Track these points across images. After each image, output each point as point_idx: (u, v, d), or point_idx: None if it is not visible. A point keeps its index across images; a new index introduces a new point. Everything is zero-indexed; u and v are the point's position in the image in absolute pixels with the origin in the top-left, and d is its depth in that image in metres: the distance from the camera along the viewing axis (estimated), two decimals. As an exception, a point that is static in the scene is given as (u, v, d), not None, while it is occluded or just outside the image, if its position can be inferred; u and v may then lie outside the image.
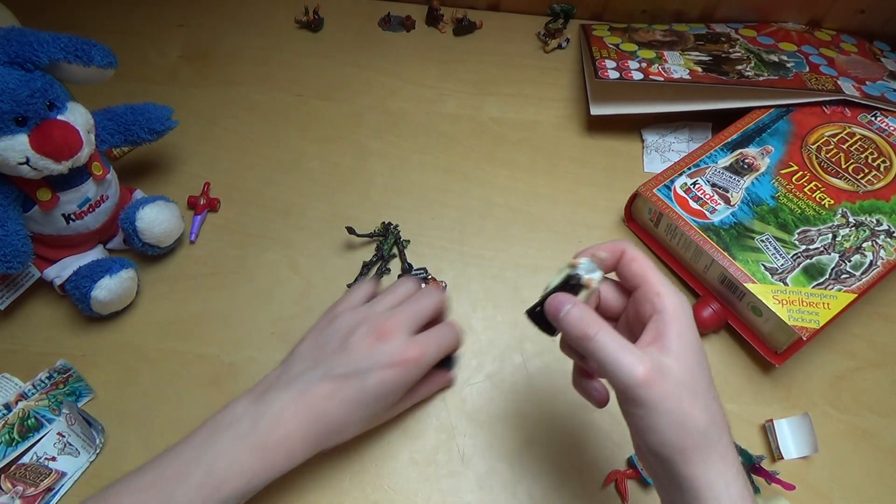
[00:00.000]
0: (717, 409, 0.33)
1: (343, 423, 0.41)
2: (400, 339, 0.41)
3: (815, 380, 0.52)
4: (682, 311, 0.35)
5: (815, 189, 0.55)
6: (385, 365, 0.40)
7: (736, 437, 0.47)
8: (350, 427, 0.41)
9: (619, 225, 0.60)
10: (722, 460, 0.32)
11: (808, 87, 0.61)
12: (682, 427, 0.32)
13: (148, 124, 0.54)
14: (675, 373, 0.32)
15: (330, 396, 0.39)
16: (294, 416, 0.39)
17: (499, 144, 0.64)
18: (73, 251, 0.51)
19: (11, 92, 0.41)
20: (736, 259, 0.51)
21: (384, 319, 0.42)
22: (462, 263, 0.56)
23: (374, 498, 0.45)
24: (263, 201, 0.59)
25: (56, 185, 0.47)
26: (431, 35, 0.73)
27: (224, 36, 0.71)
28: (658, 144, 0.65)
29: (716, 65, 0.63)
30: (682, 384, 0.32)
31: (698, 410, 0.32)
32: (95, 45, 0.46)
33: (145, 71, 0.67)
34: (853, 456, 0.48)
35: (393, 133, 0.64)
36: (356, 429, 0.42)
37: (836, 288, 0.49)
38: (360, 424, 0.42)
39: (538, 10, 0.75)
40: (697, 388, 0.33)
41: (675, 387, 0.32)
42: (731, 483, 0.32)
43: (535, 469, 0.47)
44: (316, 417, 0.39)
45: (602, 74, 0.62)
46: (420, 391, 0.47)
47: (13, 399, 0.48)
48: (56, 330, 0.51)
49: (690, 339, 0.34)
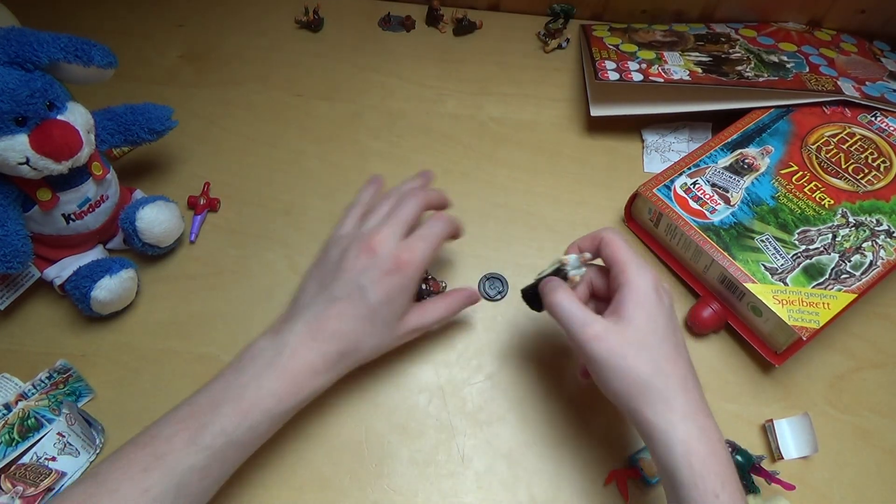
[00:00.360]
0: (668, 364, 0.38)
1: (356, 341, 0.43)
2: (389, 248, 0.43)
3: (815, 380, 0.52)
4: (643, 284, 0.40)
5: (815, 189, 0.55)
6: (381, 275, 0.43)
7: (736, 437, 0.47)
8: (365, 344, 0.44)
9: (619, 225, 0.60)
10: (666, 405, 0.37)
11: (807, 87, 0.61)
12: (626, 378, 0.38)
13: (148, 124, 0.54)
14: (622, 332, 0.38)
15: (339, 317, 0.42)
16: (310, 341, 0.41)
17: (499, 144, 0.64)
18: (73, 251, 0.51)
19: (11, 92, 0.41)
20: (736, 259, 0.51)
21: (371, 235, 0.44)
22: (462, 263, 0.56)
23: (374, 498, 0.45)
24: (263, 201, 0.59)
25: (56, 185, 0.47)
26: (431, 35, 0.73)
27: (224, 36, 0.71)
28: (658, 144, 0.65)
29: (716, 65, 0.63)
30: (628, 342, 0.38)
31: (641, 362, 0.37)
32: (95, 45, 0.46)
33: (145, 71, 0.67)
34: (853, 456, 0.48)
35: (393, 133, 0.64)
36: (372, 345, 0.44)
37: (835, 288, 0.49)
38: (375, 340, 0.44)
39: (538, 10, 0.75)
40: (645, 345, 0.38)
41: (620, 345, 0.38)
42: (677, 425, 0.36)
43: (535, 469, 0.47)
44: (329, 339, 0.42)
45: (602, 76, 0.62)
46: (440, 307, 0.48)
47: (13, 399, 0.48)
48: (56, 330, 0.51)
49: (647, 307, 0.39)
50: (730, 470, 0.36)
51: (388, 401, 0.50)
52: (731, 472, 0.36)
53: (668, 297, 0.41)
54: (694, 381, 0.39)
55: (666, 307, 0.40)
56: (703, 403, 0.38)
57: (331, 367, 0.42)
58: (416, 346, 0.52)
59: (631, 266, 0.41)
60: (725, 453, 0.37)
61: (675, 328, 0.40)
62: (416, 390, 0.50)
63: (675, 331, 0.40)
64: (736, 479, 0.36)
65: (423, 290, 0.53)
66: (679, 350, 0.39)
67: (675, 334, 0.40)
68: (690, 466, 0.35)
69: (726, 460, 0.36)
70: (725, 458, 0.36)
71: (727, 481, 0.35)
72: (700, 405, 0.38)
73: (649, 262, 0.44)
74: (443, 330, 0.53)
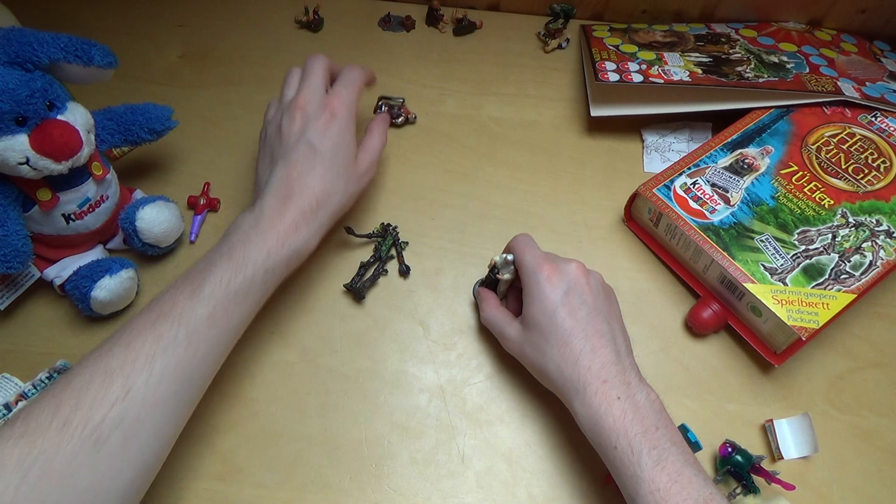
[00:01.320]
0: (565, 358, 0.42)
1: (325, 191, 0.47)
2: (316, 101, 0.49)
3: (815, 380, 0.52)
4: (538, 288, 0.44)
5: (815, 189, 0.55)
6: (321, 126, 0.48)
7: (736, 437, 0.47)
8: (333, 190, 0.47)
9: (618, 225, 0.60)
10: (576, 393, 0.41)
11: (807, 88, 0.61)
12: (543, 376, 0.45)
13: (148, 124, 0.54)
14: (524, 333, 0.45)
15: (300, 175, 0.46)
16: (282, 205, 0.45)
17: (499, 144, 0.64)
18: (73, 251, 0.51)
19: (11, 92, 0.41)
20: (735, 259, 0.51)
21: (296, 99, 0.49)
22: (462, 263, 0.57)
23: (374, 498, 0.45)
24: (263, 201, 0.59)
25: (56, 185, 0.47)
26: (431, 35, 0.73)
27: (224, 36, 0.71)
28: (658, 144, 0.65)
29: (716, 66, 0.63)
30: (528, 342, 0.45)
31: (540, 357, 0.44)
32: (95, 45, 0.46)
33: (145, 71, 0.67)
34: (853, 456, 0.48)
35: (393, 133, 0.64)
36: (340, 190, 0.48)
37: (835, 288, 0.49)
38: (341, 184, 0.48)
39: (538, 10, 0.75)
40: (543, 343, 0.44)
41: (521, 344, 0.46)
42: (586, 405, 0.40)
43: (535, 469, 0.47)
44: (298, 196, 0.45)
45: (602, 77, 0.62)
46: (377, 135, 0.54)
47: (13, 399, 0.47)
48: (56, 330, 0.51)
49: (546, 308, 0.44)
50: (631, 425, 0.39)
51: (388, 401, 0.50)
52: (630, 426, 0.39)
53: (577, 280, 0.45)
54: (606, 359, 0.42)
55: (574, 299, 0.44)
56: (614, 381, 0.41)
57: (310, 219, 0.45)
58: (416, 346, 0.52)
59: (525, 270, 0.46)
60: (625, 419, 0.39)
61: (588, 314, 0.43)
62: (416, 390, 0.50)
63: (587, 318, 0.43)
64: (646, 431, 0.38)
65: None
66: (587, 337, 0.42)
67: (591, 321, 0.43)
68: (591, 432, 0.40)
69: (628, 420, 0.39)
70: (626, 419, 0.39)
71: (623, 436, 0.38)
72: (604, 386, 0.40)
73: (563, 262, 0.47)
74: (443, 330, 0.53)
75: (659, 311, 0.55)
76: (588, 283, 0.45)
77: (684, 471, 0.37)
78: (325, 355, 0.51)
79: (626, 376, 0.41)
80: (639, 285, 0.56)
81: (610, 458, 0.39)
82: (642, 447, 0.38)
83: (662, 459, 0.37)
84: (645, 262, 0.58)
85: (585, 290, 0.44)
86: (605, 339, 0.43)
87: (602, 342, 0.42)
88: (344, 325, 0.53)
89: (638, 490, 0.37)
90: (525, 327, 0.45)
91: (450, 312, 0.54)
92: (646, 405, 0.40)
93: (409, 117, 0.64)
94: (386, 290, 0.55)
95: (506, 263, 0.49)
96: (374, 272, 0.55)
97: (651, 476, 0.37)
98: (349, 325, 0.53)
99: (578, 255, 0.57)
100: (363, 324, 0.53)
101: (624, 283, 0.56)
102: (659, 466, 0.37)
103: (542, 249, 0.48)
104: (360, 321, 0.53)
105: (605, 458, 0.40)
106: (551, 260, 0.46)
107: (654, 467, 0.37)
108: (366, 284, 0.54)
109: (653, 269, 0.57)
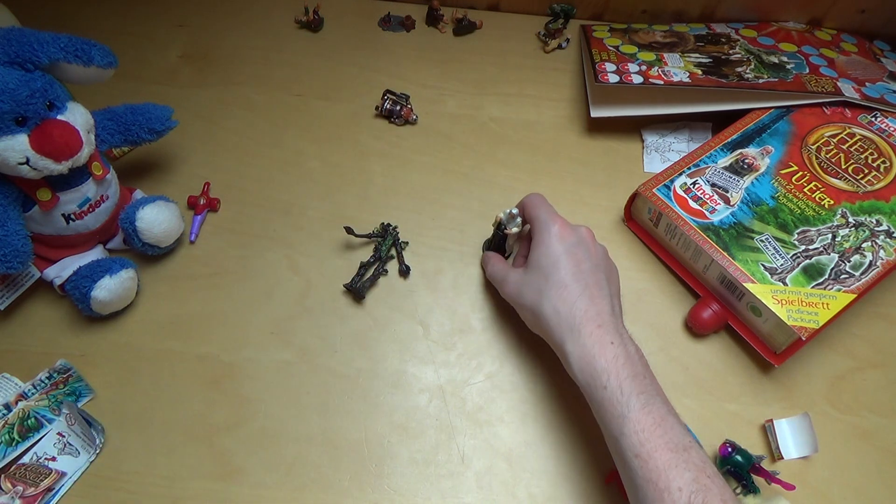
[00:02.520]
0: (566, 301, 0.43)
1: None
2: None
3: (815, 380, 0.52)
4: (545, 234, 0.46)
5: (815, 189, 0.55)
6: None
7: (736, 437, 0.47)
8: None
9: (618, 224, 0.60)
10: (570, 332, 0.42)
11: (807, 89, 0.61)
12: (537, 316, 0.45)
13: (148, 124, 0.54)
14: (524, 276, 0.47)
15: None
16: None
17: (499, 144, 0.64)
18: (73, 251, 0.51)
19: (11, 92, 0.41)
20: (735, 259, 0.51)
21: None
22: (462, 263, 0.57)
23: (373, 498, 0.45)
24: (263, 201, 0.59)
25: (56, 185, 0.47)
26: (431, 35, 0.73)
27: (224, 36, 0.71)
28: (658, 144, 0.65)
29: (716, 67, 0.63)
30: (526, 283, 0.46)
31: (543, 299, 0.44)
32: (95, 45, 0.46)
33: (145, 71, 0.67)
34: (853, 456, 0.48)
35: (393, 133, 0.64)
36: None
37: (835, 288, 0.49)
38: None
39: (538, 10, 0.75)
40: (543, 284, 0.45)
41: (519, 285, 0.47)
42: (580, 345, 0.42)
43: (535, 469, 0.47)
44: None
45: (602, 78, 0.62)
46: None
47: (13, 399, 0.48)
48: (56, 330, 0.51)
49: (550, 254, 0.45)
50: (622, 368, 0.40)
51: (388, 401, 0.50)
52: (622, 369, 0.40)
53: (586, 239, 0.46)
54: (602, 308, 0.43)
55: (579, 252, 0.45)
56: (608, 328, 0.42)
57: None
58: (416, 346, 0.52)
59: (537, 221, 0.47)
60: (617, 362, 0.40)
61: (591, 268, 0.45)
62: (416, 390, 0.50)
63: (589, 270, 0.45)
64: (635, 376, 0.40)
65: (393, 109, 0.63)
66: (586, 286, 0.44)
67: (592, 273, 0.45)
68: (581, 372, 0.42)
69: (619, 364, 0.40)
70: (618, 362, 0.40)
71: (614, 376, 0.40)
72: (599, 330, 0.42)
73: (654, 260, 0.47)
74: (443, 330, 0.53)
75: (659, 311, 0.55)
76: (595, 244, 0.47)
77: (668, 417, 0.38)
78: (325, 355, 0.51)
79: (619, 328, 0.43)
80: (639, 285, 0.56)
81: (598, 397, 0.40)
82: (632, 389, 0.39)
83: (649, 404, 0.39)
84: (645, 262, 0.58)
85: (591, 249, 0.46)
86: (604, 292, 0.44)
87: (600, 294, 0.44)
88: (344, 325, 0.53)
89: (623, 429, 0.38)
90: (527, 271, 0.47)
91: (450, 312, 0.54)
92: (636, 356, 0.42)
93: (409, 118, 0.64)
94: (386, 290, 0.55)
95: (511, 217, 0.50)
96: (374, 272, 0.55)
97: (638, 417, 0.38)
98: (349, 325, 0.53)
99: (578, 255, 0.57)
100: (363, 324, 0.53)
101: (624, 283, 0.55)
102: (645, 410, 0.38)
103: None
104: (360, 321, 0.53)
105: (593, 397, 0.41)
106: (563, 218, 0.48)
107: (641, 409, 0.38)
108: (366, 284, 0.54)
109: (653, 269, 0.57)
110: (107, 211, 0.51)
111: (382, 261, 0.56)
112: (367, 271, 0.55)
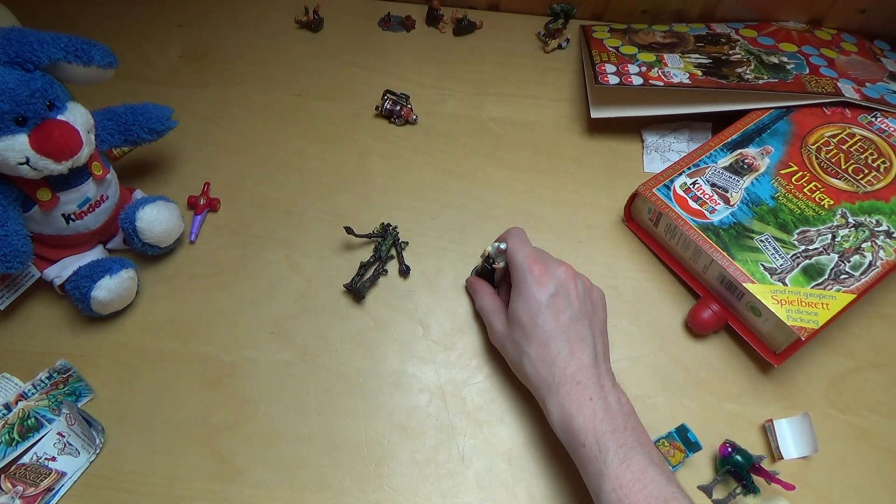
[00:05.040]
0: (545, 361, 0.43)
1: None
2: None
3: (814, 380, 0.52)
4: (525, 289, 0.45)
5: (815, 189, 0.55)
6: None
7: (736, 437, 0.47)
8: None
9: (618, 225, 0.60)
10: (549, 392, 0.42)
11: (807, 90, 0.61)
12: (520, 372, 0.46)
13: (148, 124, 0.54)
14: (507, 329, 0.47)
15: None
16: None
17: (499, 144, 0.64)
18: (73, 251, 0.51)
19: (11, 92, 0.41)
20: (735, 259, 0.51)
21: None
22: (462, 263, 0.57)
23: (374, 498, 0.45)
24: (263, 201, 0.59)
25: (56, 185, 0.47)
26: (431, 35, 0.73)
27: (224, 36, 0.71)
28: (658, 144, 0.65)
29: (716, 67, 0.63)
30: (509, 338, 0.46)
31: (524, 358, 0.44)
32: (95, 45, 0.46)
33: (145, 71, 0.67)
34: (853, 456, 0.48)
35: (393, 133, 0.65)
36: None
37: (835, 288, 0.49)
38: None
39: (538, 10, 0.75)
40: (524, 345, 0.44)
41: (503, 339, 0.47)
42: (558, 405, 0.41)
43: (535, 469, 0.47)
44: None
45: (602, 80, 0.62)
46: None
47: (13, 399, 0.48)
48: (56, 330, 0.51)
49: (524, 304, 0.45)
50: (600, 424, 0.39)
51: (388, 401, 0.50)
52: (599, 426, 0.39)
53: (565, 283, 0.45)
54: (582, 363, 0.42)
55: (559, 302, 0.44)
56: (588, 383, 0.41)
57: None
58: (416, 346, 0.52)
59: (515, 268, 0.47)
60: (595, 418, 0.40)
61: (570, 318, 0.44)
62: (416, 390, 0.50)
63: (568, 322, 0.44)
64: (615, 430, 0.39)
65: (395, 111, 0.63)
66: (567, 339, 0.43)
67: (572, 324, 0.44)
68: (561, 430, 0.41)
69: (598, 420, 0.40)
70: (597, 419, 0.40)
71: (591, 434, 0.39)
72: (578, 388, 0.41)
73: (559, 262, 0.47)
74: (443, 330, 0.53)
75: (659, 311, 0.55)
76: (575, 287, 0.45)
77: (648, 470, 0.37)
78: (325, 355, 0.51)
79: (601, 380, 0.42)
80: (639, 285, 0.56)
81: (578, 455, 0.40)
82: (609, 445, 0.38)
83: (628, 458, 0.38)
84: (645, 262, 0.58)
85: (572, 294, 0.45)
86: (585, 343, 0.43)
87: (581, 346, 0.43)
88: (344, 325, 0.53)
89: (602, 486, 0.38)
90: (509, 324, 0.46)
91: (450, 312, 0.54)
92: (616, 407, 0.41)
93: (409, 118, 0.64)
94: (386, 290, 0.55)
95: (499, 252, 0.50)
96: (374, 272, 0.55)
97: (616, 473, 0.37)
98: (349, 325, 0.53)
99: (578, 254, 0.57)
100: (363, 324, 0.53)
101: (624, 283, 0.56)
102: (624, 465, 0.38)
103: (533, 246, 0.48)
104: (360, 321, 0.53)
105: (574, 455, 0.41)
106: (542, 260, 0.46)
107: (620, 465, 0.38)
108: (366, 284, 0.54)
109: (653, 269, 0.57)
110: (107, 211, 0.51)
111: (382, 261, 0.56)
112: (367, 271, 0.55)
